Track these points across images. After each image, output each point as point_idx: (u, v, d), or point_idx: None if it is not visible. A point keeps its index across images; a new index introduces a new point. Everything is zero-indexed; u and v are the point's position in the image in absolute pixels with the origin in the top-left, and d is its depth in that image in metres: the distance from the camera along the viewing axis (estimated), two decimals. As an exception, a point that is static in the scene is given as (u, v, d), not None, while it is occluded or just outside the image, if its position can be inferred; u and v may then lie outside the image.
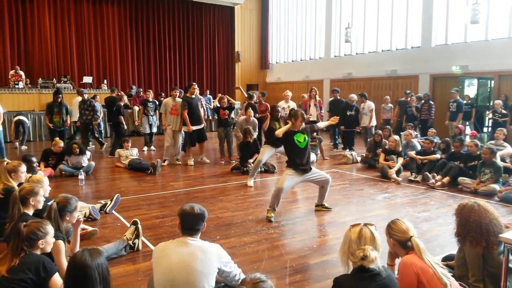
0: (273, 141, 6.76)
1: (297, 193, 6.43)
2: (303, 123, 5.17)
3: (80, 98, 10.91)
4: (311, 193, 6.42)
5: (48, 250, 2.74)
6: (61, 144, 7.78)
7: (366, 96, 10.89)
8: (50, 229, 2.73)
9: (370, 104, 10.63)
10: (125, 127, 10.20)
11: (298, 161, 5.05)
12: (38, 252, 2.64)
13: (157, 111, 10.75)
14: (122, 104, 10.60)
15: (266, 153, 7.02)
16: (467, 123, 11.23)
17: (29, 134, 12.16)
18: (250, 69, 20.86)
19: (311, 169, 5.19)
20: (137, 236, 4.04)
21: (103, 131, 12.14)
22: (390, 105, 12.07)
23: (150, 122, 10.73)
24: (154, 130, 10.96)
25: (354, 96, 10.52)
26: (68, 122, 9.52)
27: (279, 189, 5.03)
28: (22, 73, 13.82)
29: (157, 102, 11.08)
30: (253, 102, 9.74)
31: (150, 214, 5.29)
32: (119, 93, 11.68)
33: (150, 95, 11.03)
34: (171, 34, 18.68)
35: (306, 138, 5.14)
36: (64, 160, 7.70)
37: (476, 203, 2.91)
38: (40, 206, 3.49)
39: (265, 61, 20.84)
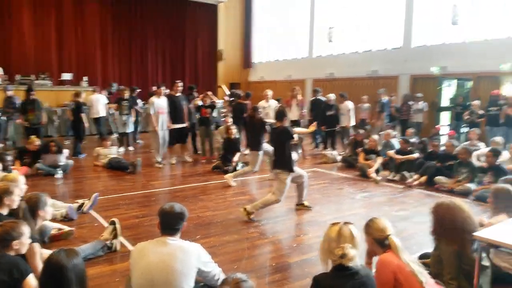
0: (259, 144, 6.73)
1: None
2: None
3: (98, 96, 11.01)
4: (291, 192, 6.42)
5: (23, 251, 2.68)
6: (37, 142, 7.59)
7: (345, 96, 10.87)
8: (25, 229, 2.67)
9: (348, 104, 10.61)
10: (87, 125, 9.91)
11: (290, 159, 5.05)
12: (12, 253, 2.58)
13: (132, 109, 10.36)
14: (80, 100, 9.99)
15: (259, 161, 6.84)
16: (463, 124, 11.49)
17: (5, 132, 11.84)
18: (233, 68, 20.81)
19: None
20: (115, 236, 3.99)
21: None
22: (367, 104, 12.18)
23: (124, 121, 10.22)
24: (130, 129, 10.44)
25: (332, 96, 10.56)
26: (45, 120, 9.06)
27: (278, 201, 5.06)
28: (-1, 69, 13.46)
29: (133, 100, 10.80)
30: (240, 101, 9.67)
31: (129, 213, 5.23)
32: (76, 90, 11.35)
33: (126, 93, 10.42)
34: (153, 31, 18.46)
35: None
36: (40, 159, 7.54)
37: (451, 201, 2.97)
38: (15, 206, 3.41)
39: (248, 60, 20.82)
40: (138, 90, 11.95)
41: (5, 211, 3.31)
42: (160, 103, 8.31)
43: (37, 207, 3.16)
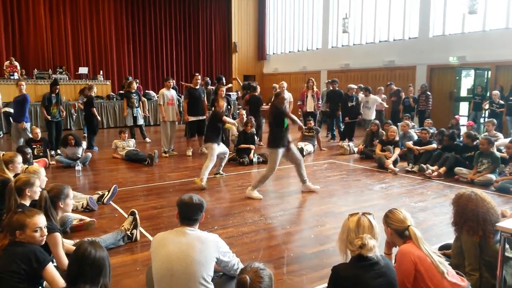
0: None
1: (295, 184, 6.42)
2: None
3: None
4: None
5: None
6: (38, 130, 7.80)
7: (370, 90, 10.90)
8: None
9: (376, 99, 10.71)
10: (99, 118, 10.00)
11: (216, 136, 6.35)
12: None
13: (141, 102, 10.47)
14: (93, 95, 10.08)
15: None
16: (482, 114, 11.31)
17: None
18: (247, 60, 20.76)
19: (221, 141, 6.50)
20: (135, 227, 4.04)
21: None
22: (383, 96, 12.11)
23: (134, 114, 10.18)
24: (141, 122, 10.46)
25: (353, 86, 10.51)
26: (64, 113, 9.27)
27: (211, 161, 6.22)
28: (17, 64, 13.67)
29: (140, 93, 10.86)
30: (257, 94, 9.80)
31: (148, 204, 5.29)
32: (87, 84, 11.36)
33: (134, 86, 10.46)
34: (168, 24, 18.53)
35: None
36: (49, 148, 7.84)
37: (473, 192, 2.92)
38: (37, 197, 3.47)
39: (262, 52, 20.74)
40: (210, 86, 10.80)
41: (27, 202, 3.38)
42: (168, 94, 8.74)
43: (58, 199, 3.20)
